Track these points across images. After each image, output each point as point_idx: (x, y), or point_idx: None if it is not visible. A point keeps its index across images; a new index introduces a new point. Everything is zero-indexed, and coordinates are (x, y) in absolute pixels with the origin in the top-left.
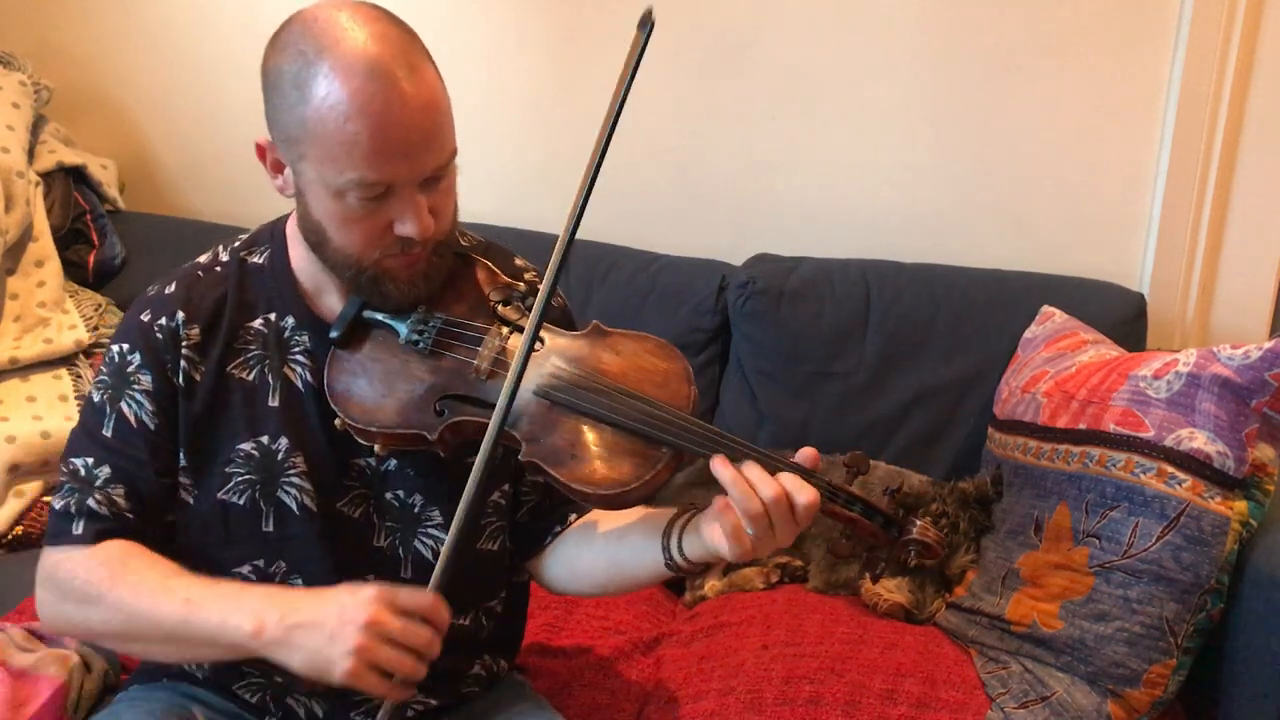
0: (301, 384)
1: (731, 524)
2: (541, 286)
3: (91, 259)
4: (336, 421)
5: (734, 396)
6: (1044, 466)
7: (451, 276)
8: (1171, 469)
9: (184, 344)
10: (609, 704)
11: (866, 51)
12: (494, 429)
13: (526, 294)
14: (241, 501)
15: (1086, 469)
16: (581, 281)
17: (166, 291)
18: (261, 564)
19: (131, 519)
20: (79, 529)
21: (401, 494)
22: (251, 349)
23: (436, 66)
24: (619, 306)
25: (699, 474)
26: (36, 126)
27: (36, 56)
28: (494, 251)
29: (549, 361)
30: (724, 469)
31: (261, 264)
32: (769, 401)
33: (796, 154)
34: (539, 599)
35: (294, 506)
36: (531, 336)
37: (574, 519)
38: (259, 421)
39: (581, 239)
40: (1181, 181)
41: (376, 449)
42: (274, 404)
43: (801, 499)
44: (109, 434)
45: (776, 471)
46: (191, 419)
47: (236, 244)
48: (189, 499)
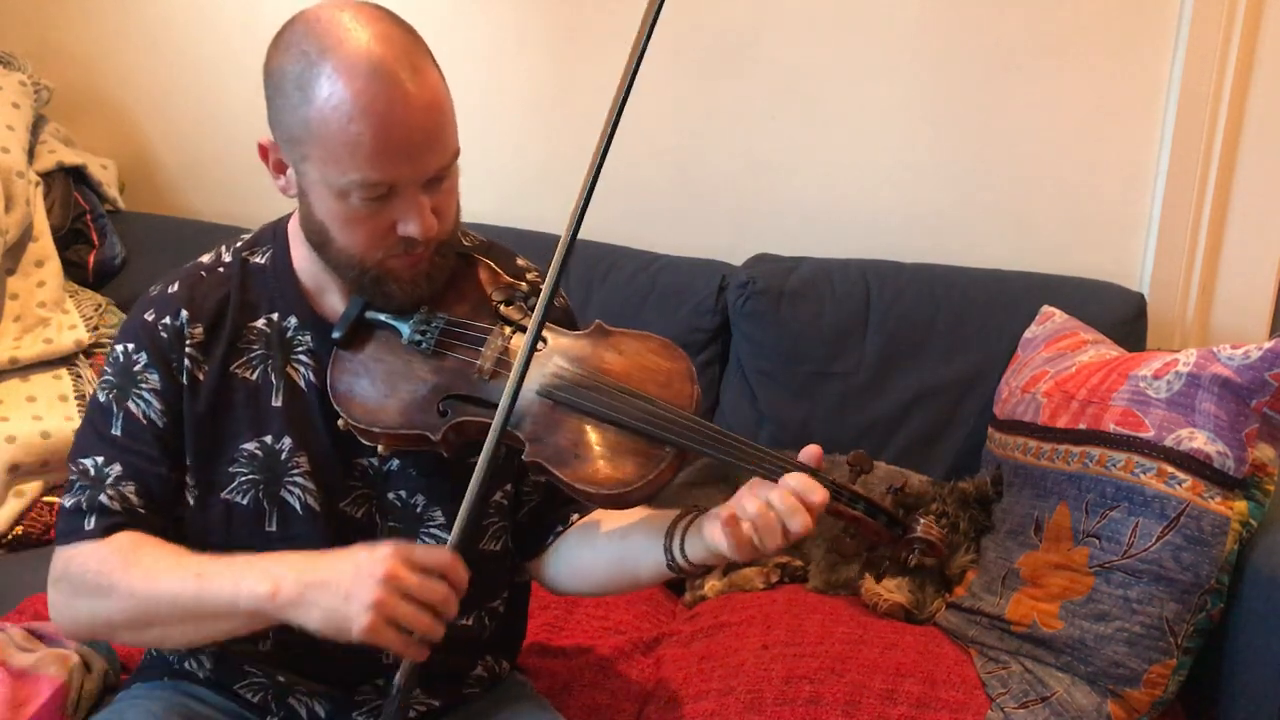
0: (305, 384)
1: (737, 533)
2: (544, 286)
3: (91, 259)
4: (340, 422)
5: (734, 396)
6: (1044, 466)
7: (454, 277)
8: (1171, 469)
9: (188, 343)
10: (609, 704)
11: (866, 51)
12: (496, 429)
13: (529, 294)
14: (245, 501)
15: (1086, 469)
16: (581, 281)
17: (170, 291)
18: None
19: (143, 514)
20: (91, 524)
21: (404, 494)
22: (255, 348)
23: (439, 67)
24: (619, 306)
25: (700, 473)
26: (36, 126)
27: (36, 56)
28: (496, 251)
29: (552, 361)
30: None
31: (264, 264)
32: (769, 401)
33: (796, 154)
34: (539, 599)
35: (297, 506)
36: (534, 336)
37: (575, 519)
38: (262, 421)
39: (581, 239)
40: (1181, 181)
41: (380, 449)
42: (277, 404)
43: (814, 499)
44: (118, 433)
45: (784, 471)
46: (195, 418)
47: (238, 244)
48: (190, 498)
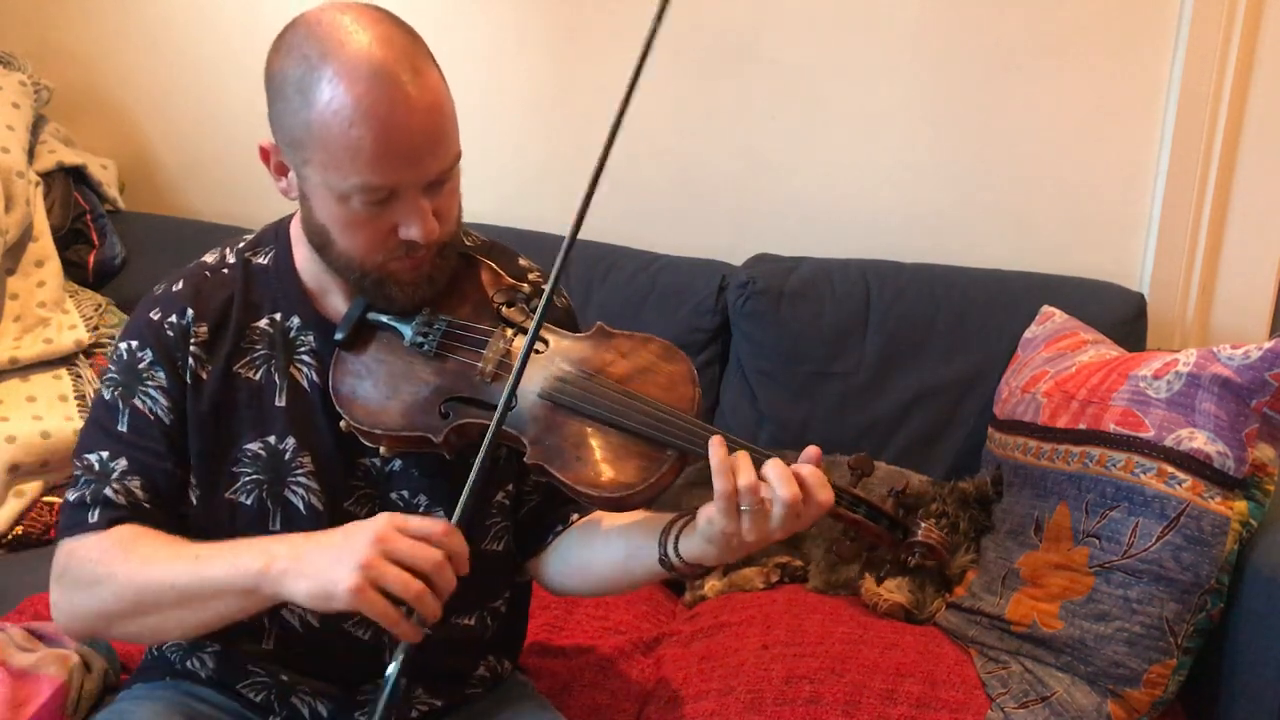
0: (308, 384)
1: (725, 503)
2: (546, 289)
3: (91, 259)
4: (342, 423)
5: (734, 396)
6: (1044, 466)
7: (456, 278)
8: (1171, 469)
9: (193, 341)
10: (609, 704)
11: (867, 51)
12: (493, 430)
13: (531, 295)
14: (249, 501)
15: (1086, 469)
16: (581, 281)
17: (175, 290)
18: None
19: (148, 509)
20: (94, 517)
21: (406, 494)
22: (258, 348)
23: (440, 69)
24: (619, 306)
25: (699, 474)
26: (36, 126)
27: (36, 56)
28: (498, 252)
29: (553, 364)
30: (719, 448)
31: (266, 265)
32: (769, 401)
33: (796, 154)
34: (539, 599)
35: (301, 506)
36: (531, 340)
37: (575, 518)
38: (266, 421)
39: (581, 239)
40: (1181, 181)
41: (382, 450)
42: (280, 404)
43: (821, 497)
44: (124, 429)
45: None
46: (198, 417)
47: (241, 245)
48: (193, 498)
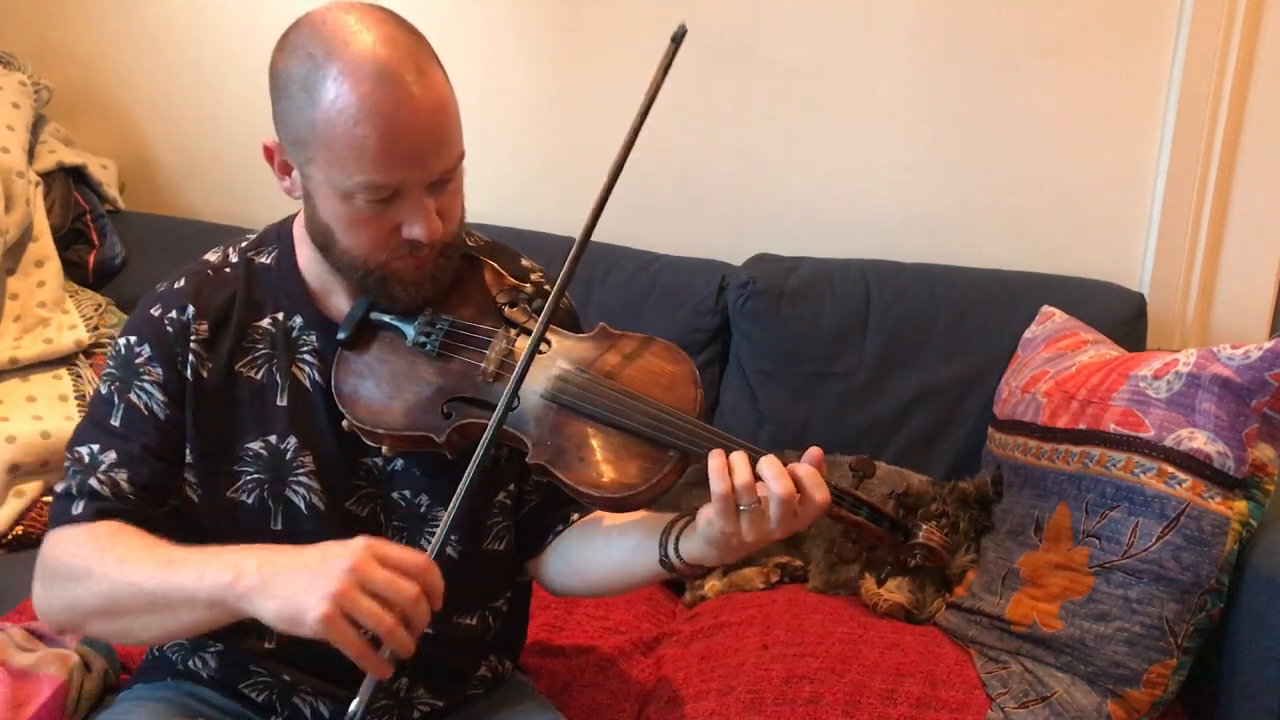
0: (310, 383)
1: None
2: (552, 293)
3: (91, 259)
4: (344, 423)
5: (734, 396)
6: (1044, 466)
7: (458, 278)
8: (1171, 469)
9: (193, 338)
10: (609, 704)
11: (866, 51)
12: (492, 430)
13: (533, 295)
14: (250, 500)
15: (1086, 469)
16: (581, 281)
17: (177, 287)
18: None
19: (133, 501)
20: (79, 509)
21: (408, 494)
22: (260, 348)
23: (444, 69)
24: (619, 306)
25: (700, 474)
26: (36, 126)
27: (36, 56)
28: (500, 252)
29: (556, 364)
30: (717, 455)
31: (269, 264)
32: (769, 401)
33: (796, 154)
34: (539, 599)
35: (302, 506)
36: (536, 341)
37: (575, 518)
38: (267, 420)
39: None
40: (1181, 181)
41: (384, 450)
42: (282, 403)
43: (818, 496)
44: (116, 423)
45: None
46: (198, 416)
47: (244, 244)
48: (194, 496)
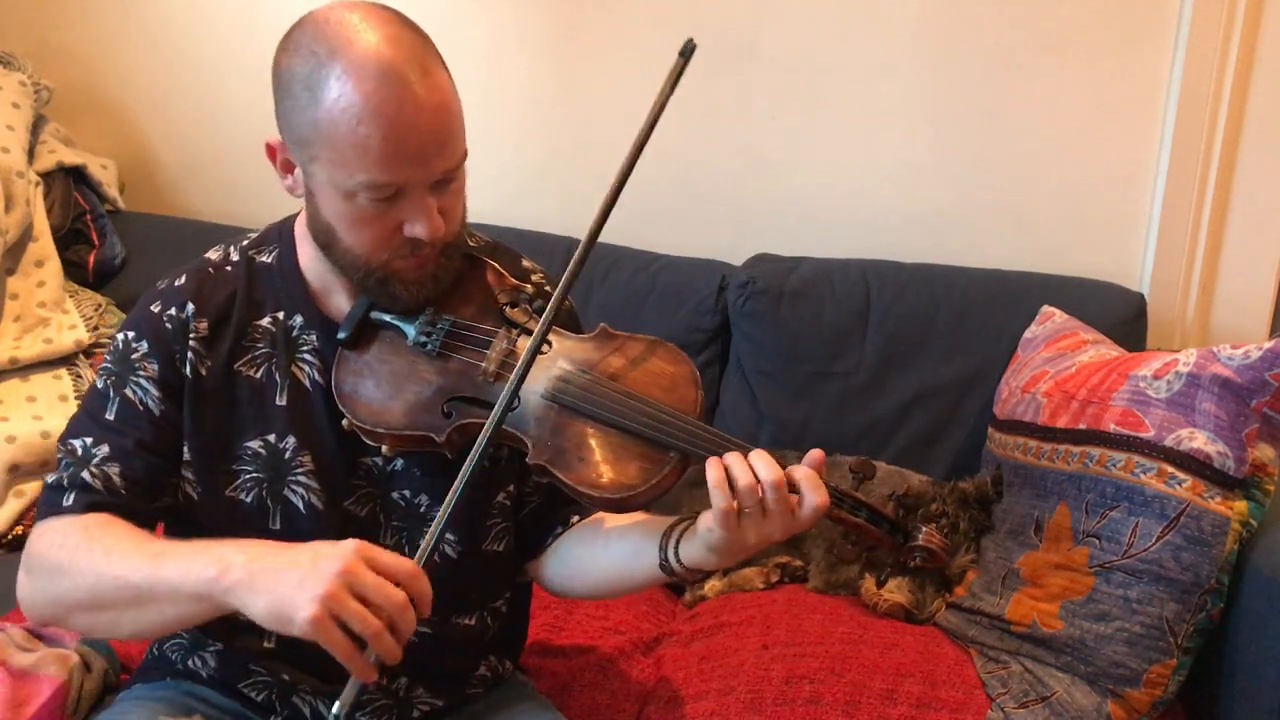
0: (310, 383)
1: (723, 508)
2: (555, 294)
3: (91, 259)
4: (344, 422)
5: (734, 396)
6: (1044, 466)
7: (460, 278)
8: (1171, 469)
9: (192, 336)
10: (609, 704)
11: (866, 50)
12: (490, 429)
13: (534, 296)
14: (249, 500)
15: (1086, 469)
16: (581, 281)
17: (177, 284)
18: None
19: (124, 495)
20: (69, 500)
21: (408, 493)
22: (259, 347)
23: (448, 69)
24: (619, 306)
25: (700, 474)
26: (36, 126)
27: (36, 56)
28: (501, 252)
29: (556, 364)
30: (715, 468)
31: (270, 263)
32: (769, 401)
33: (796, 153)
34: (539, 599)
35: (301, 505)
36: (538, 341)
37: (575, 520)
38: (266, 420)
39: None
40: (1181, 181)
41: (384, 450)
42: (281, 402)
43: (816, 498)
44: (111, 417)
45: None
46: (196, 414)
47: (245, 243)
48: (193, 494)
